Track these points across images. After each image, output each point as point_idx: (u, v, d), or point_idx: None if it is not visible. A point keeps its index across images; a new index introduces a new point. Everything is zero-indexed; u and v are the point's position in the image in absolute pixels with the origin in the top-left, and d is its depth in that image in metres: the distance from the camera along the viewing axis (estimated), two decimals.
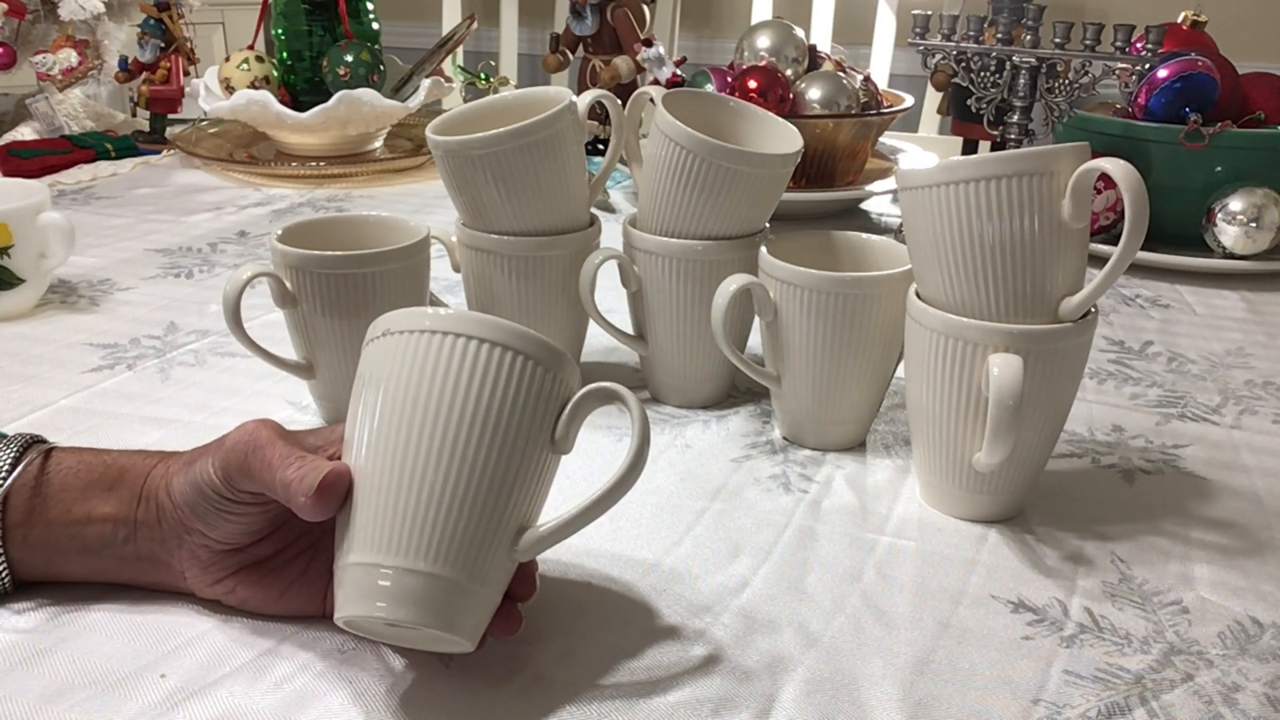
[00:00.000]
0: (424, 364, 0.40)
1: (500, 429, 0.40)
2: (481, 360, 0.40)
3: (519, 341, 0.41)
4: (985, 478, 0.54)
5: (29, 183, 0.85)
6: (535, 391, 0.41)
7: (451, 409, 0.40)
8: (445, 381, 0.40)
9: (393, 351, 0.41)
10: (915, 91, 1.24)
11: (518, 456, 0.41)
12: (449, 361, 0.40)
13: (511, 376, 0.41)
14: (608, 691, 0.43)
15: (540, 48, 1.47)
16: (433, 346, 0.40)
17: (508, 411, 0.40)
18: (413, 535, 0.39)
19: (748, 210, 0.64)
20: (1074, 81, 0.97)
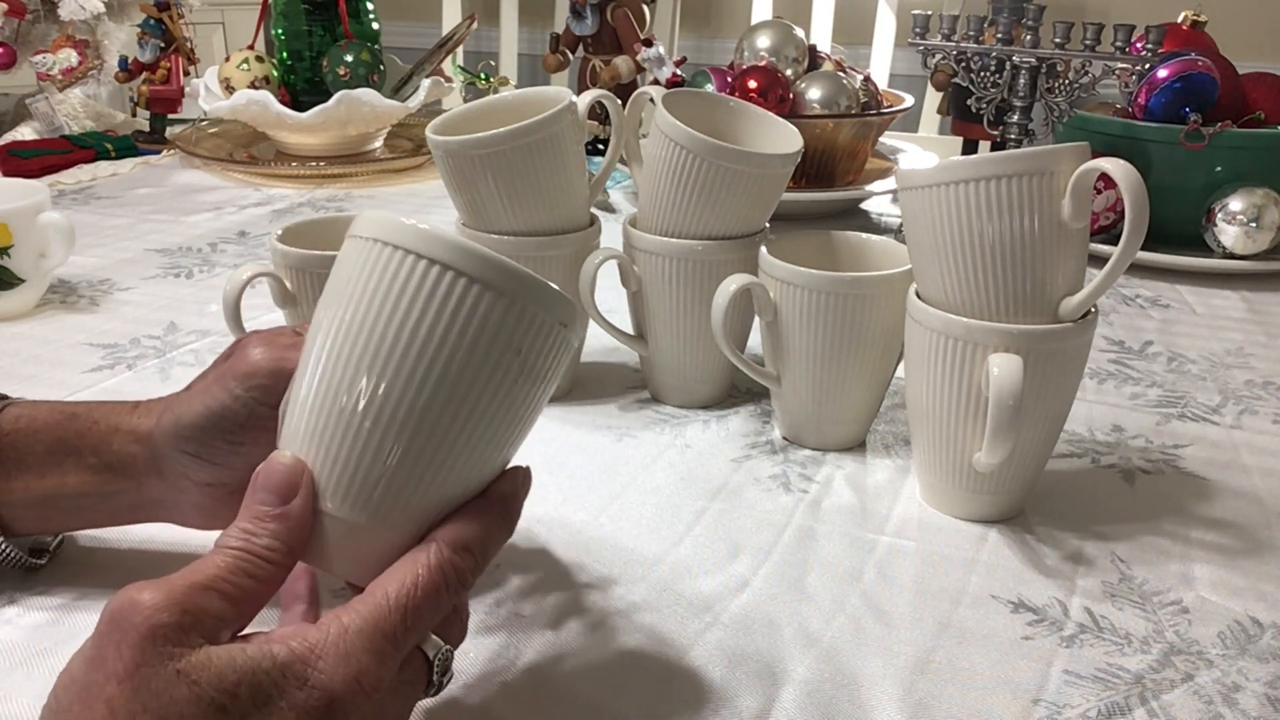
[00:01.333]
0: (359, 276, 0.36)
1: (445, 358, 0.35)
2: (421, 281, 0.35)
3: (480, 268, 0.35)
4: (985, 478, 0.54)
5: (29, 183, 0.85)
6: (485, 324, 0.35)
7: (387, 328, 0.35)
8: (374, 297, 0.35)
9: (350, 258, 0.37)
10: (915, 91, 1.24)
11: (464, 395, 0.36)
12: (392, 279, 0.35)
13: (461, 307, 0.35)
14: (607, 691, 0.43)
15: (540, 48, 1.47)
16: (387, 263, 0.35)
17: (453, 341, 0.35)
18: (329, 472, 0.36)
19: (748, 210, 0.64)
20: (1074, 81, 0.97)
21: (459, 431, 0.36)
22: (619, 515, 0.56)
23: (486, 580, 0.50)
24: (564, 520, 0.55)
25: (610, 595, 0.49)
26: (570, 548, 0.53)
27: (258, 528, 0.35)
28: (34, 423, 0.46)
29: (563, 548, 0.53)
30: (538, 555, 0.52)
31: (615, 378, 0.72)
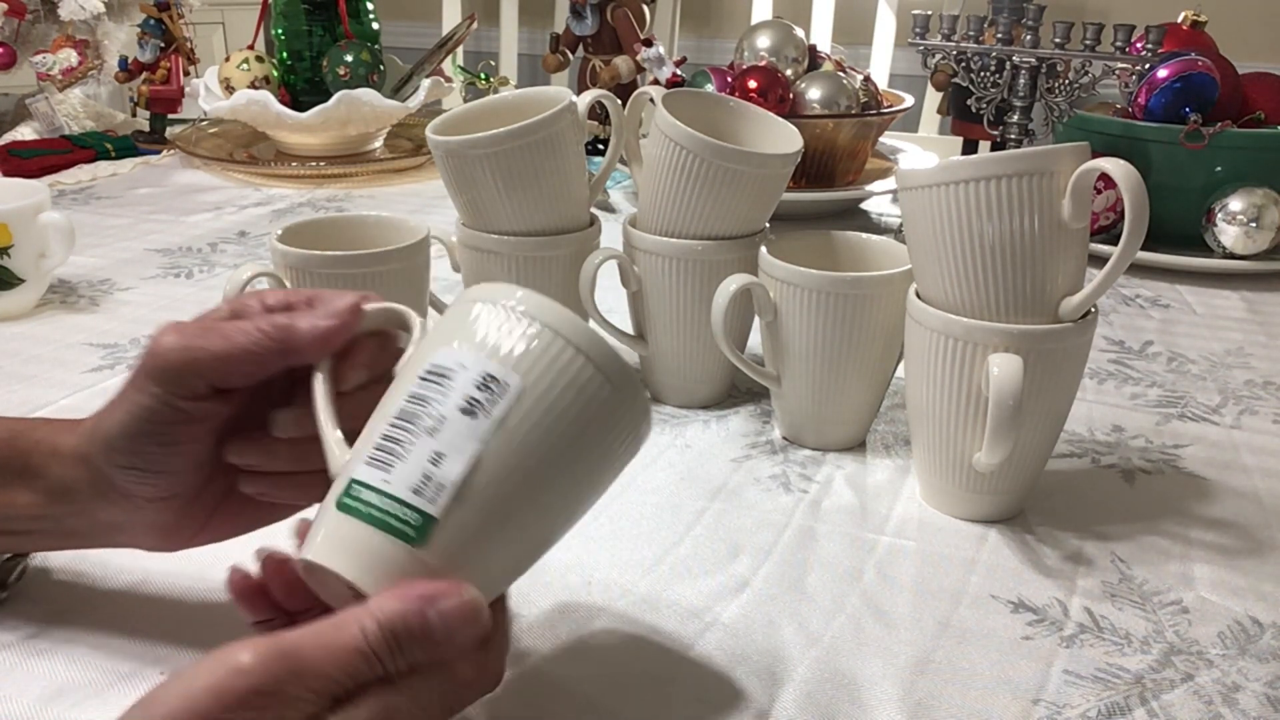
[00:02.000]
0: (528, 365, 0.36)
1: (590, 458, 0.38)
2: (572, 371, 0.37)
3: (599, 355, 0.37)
4: (985, 478, 0.54)
5: (29, 183, 0.85)
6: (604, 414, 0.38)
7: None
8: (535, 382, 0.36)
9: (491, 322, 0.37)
10: (915, 91, 1.24)
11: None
12: (547, 371, 0.36)
13: (585, 393, 0.37)
14: (607, 691, 0.43)
15: (540, 48, 1.47)
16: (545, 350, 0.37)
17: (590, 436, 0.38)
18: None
19: (748, 210, 0.64)
20: (1074, 81, 0.97)
21: (549, 503, 0.38)
22: (619, 515, 0.56)
23: None
24: None
25: (610, 595, 0.49)
26: (570, 548, 0.53)
27: (407, 656, 0.33)
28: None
29: (562, 548, 0.53)
30: None
31: None
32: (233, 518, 0.44)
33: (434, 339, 0.38)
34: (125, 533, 0.44)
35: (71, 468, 0.42)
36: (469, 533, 0.35)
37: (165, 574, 0.49)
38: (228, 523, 0.45)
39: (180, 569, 0.50)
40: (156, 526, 0.43)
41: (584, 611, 0.48)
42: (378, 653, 0.32)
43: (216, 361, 0.39)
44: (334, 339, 0.40)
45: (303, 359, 0.40)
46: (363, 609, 0.33)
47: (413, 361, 0.38)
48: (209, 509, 0.44)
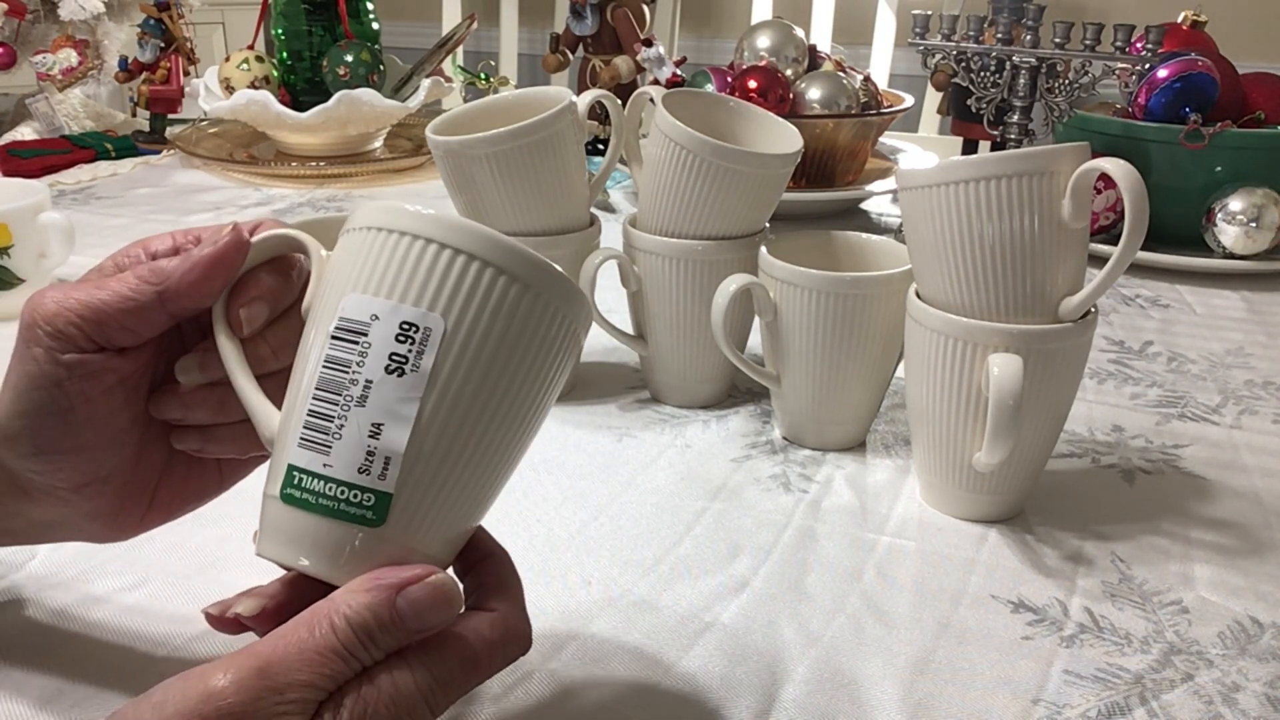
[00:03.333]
0: (388, 272, 0.34)
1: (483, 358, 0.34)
2: (461, 277, 0.34)
3: (510, 260, 0.34)
4: (985, 478, 0.54)
5: (29, 183, 0.85)
6: (532, 327, 0.35)
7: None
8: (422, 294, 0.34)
9: (367, 249, 0.35)
10: (915, 91, 1.24)
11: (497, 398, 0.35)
12: (415, 273, 0.34)
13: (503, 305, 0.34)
14: (607, 691, 0.43)
15: (540, 48, 1.47)
16: (405, 252, 0.34)
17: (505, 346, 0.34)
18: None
19: (748, 210, 0.64)
20: (1074, 81, 0.97)
21: (480, 436, 0.35)
22: (619, 515, 0.56)
23: None
24: (564, 520, 0.55)
25: (610, 595, 0.49)
26: (570, 548, 0.53)
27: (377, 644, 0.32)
28: None
29: (563, 548, 0.53)
30: (538, 555, 0.52)
31: (615, 378, 0.72)
32: (180, 491, 0.42)
33: (338, 278, 0.35)
34: (65, 528, 0.41)
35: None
36: (427, 493, 0.34)
37: (166, 573, 0.49)
38: (177, 497, 0.42)
39: (181, 568, 0.50)
40: (95, 516, 0.40)
41: (584, 611, 0.48)
42: (352, 650, 0.32)
43: (91, 312, 0.36)
44: (214, 277, 0.37)
45: (187, 303, 0.37)
46: (331, 606, 0.32)
47: (321, 307, 0.35)
48: (149, 486, 0.41)
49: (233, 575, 0.49)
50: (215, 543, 0.52)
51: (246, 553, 0.51)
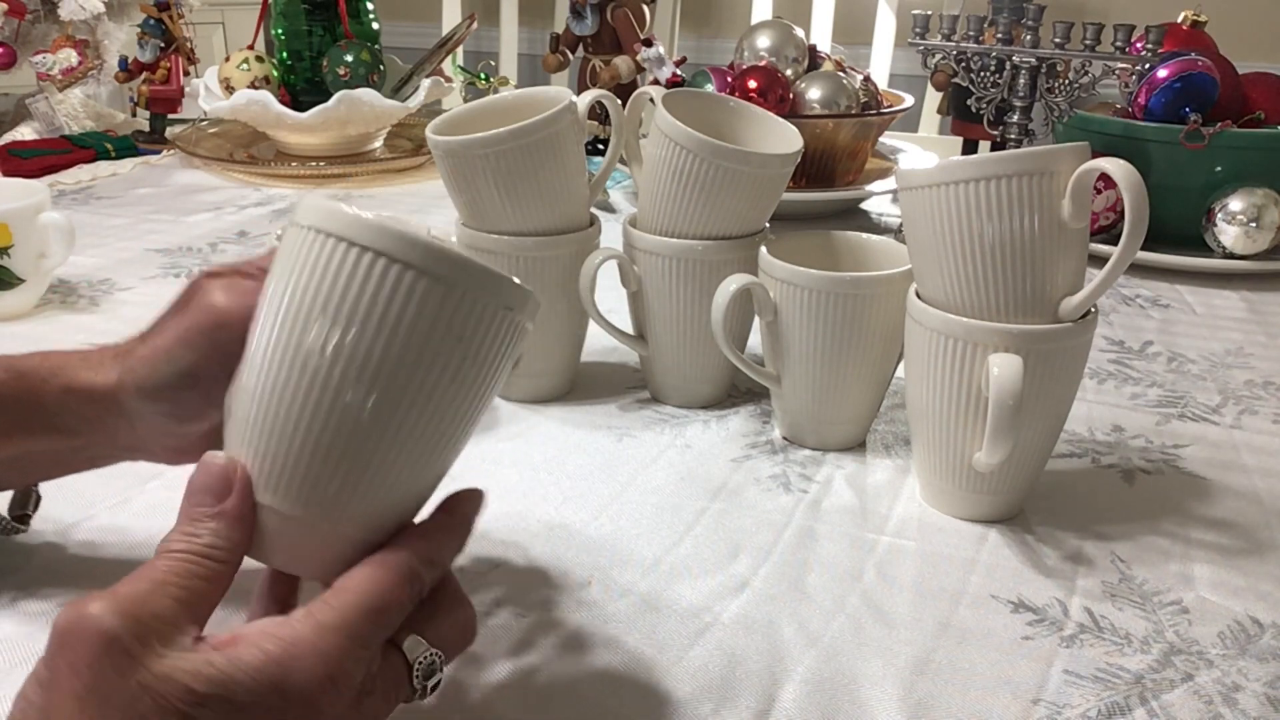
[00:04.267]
0: (296, 265, 0.35)
1: (389, 349, 0.35)
2: (354, 269, 0.34)
3: (416, 255, 0.34)
4: (985, 478, 0.54)
5: (29, 183, 0.85)
6: (423, 311, 0.35)
7: (334, 324, 0.34)
8: (319, 290, 0.35)
9: (289, 246, 0.36)
10: (915, 91, 1.24)
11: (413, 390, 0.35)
12: (326, 268, 0.35)
13: (397, 294, 0.34)
14: (607, 691, 0.43)
15: (540, 48, 1.47)
16: (322, 251, 0.35)
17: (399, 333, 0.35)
18: (268, 465, 0.36)
19: (748, 210, 0.64)
20: (1074, 81, 0.97)
21: (400, 422, 0.35)
22: (619, 515, 0.56)
23: (487, 580, 0.50)
24: (564, 520, 0.55)
25: (610, 595, 0.49)
26: (570, 547, 0.53)
27: (198, 529, 0.35)
28: None
29: (563, 547, 0.53)
30: (538, 555, 0.52)
31: (615, 378, 0.72)
32: None
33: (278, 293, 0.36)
34: (145, 452, 0.45)
35: (89, 404, 0.42)
36: (343, 481, 0.36)
37: None
38: None
39: None
40: (177, 449, 0.44)
41: (584, 611, 0.48)
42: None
43: None
44: None
45: None
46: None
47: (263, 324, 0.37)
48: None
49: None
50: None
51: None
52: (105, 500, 0.55)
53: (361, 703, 0.34)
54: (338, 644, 0.33)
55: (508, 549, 0.52)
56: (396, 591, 0.35)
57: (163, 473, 0.57)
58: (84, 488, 0.55)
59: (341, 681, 0.33)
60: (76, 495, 0.55)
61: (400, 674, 0.36)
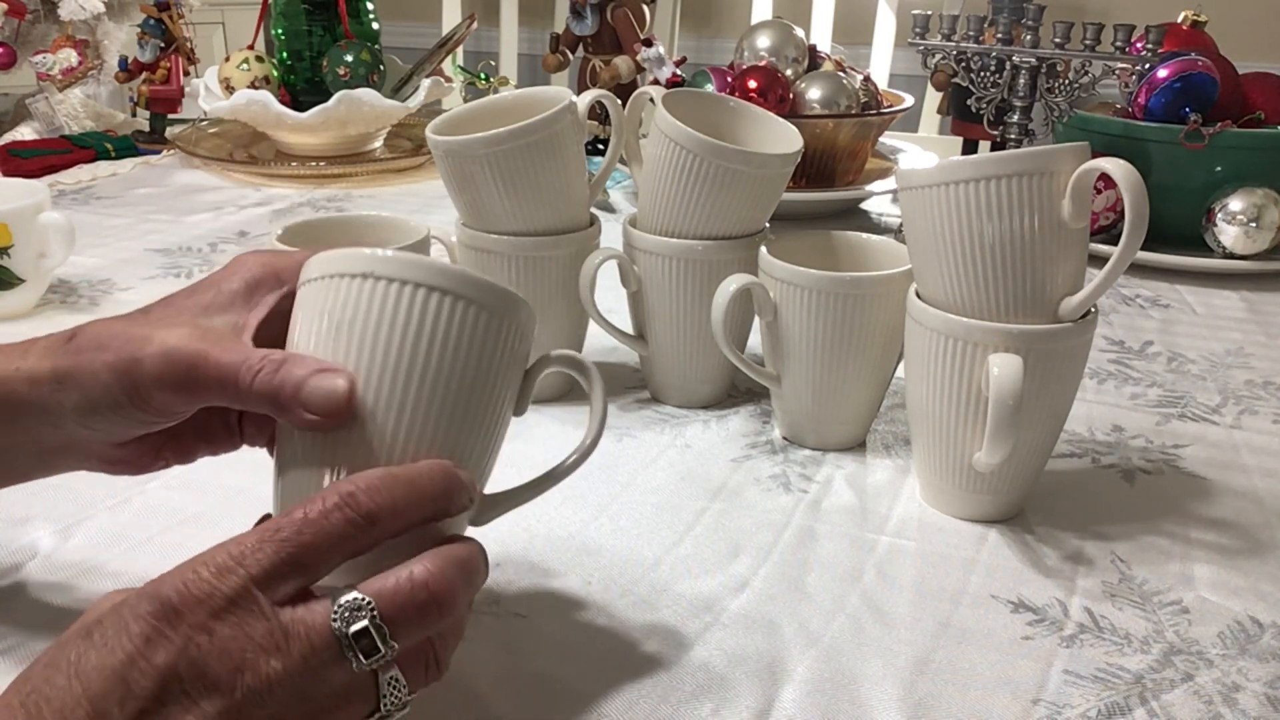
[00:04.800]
0: (369, 313, 0.37)
1: (454, 384, 0.37)
2: (431, 310, 0.37)
3: (470, 289, 0.37)
4: (985, 478, 0.54)
5: (29, 183, 0.85)
6: (490, 344, 0.38)
7: (399, 364, 0.37)
8: (392, 332, 0.37)
9: (331, 297, 0.38)
10: (915, 91, 1.24)
11: (471, 415, 0.38)
12: (395, 311, 0.37)
13: (464, 328, 0.37)
14: (607, 691, 0.43)
15: (540, 48, 1.47)
16: (376, 294, 0.37)
17: (460, 365, 0.37)
18: None
19: (748, 210, 0.64)
20: (1074, 81, 0.97)
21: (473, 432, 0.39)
22: (619, 515, 0.56)
23: (486, 580, 0.50)
24: (564, 520, 0.55)
25: (610, 595, 0.49)
26: (570, 547, 0.53)
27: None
28: None
29: (563, 547, 0.53)
30: (538, 555, 0.52)
31: (615, 378, 0.72)
32: (200, 444, 0.44)
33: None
34: (74, 456, 0.42)
35: (18, 397, 0.40)
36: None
37: None
38: (195, 449, 0.44)
39: None
40: (114, 462, 0.42)
41: (584, 611, 0.48)
42: None
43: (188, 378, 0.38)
44: None
45: None
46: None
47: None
48: (174, 440, 0.43)
49: None
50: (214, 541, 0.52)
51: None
52: (105, 500, 0.55)
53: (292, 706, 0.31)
54: (209, 559, 0.32)
55: (507, 549, 0.52)
56: (310, 506, 0.33)
57: (162, 473, 0.57)
58: (84, 488, 0.55)
59: (195, 589, 0.32)
60: (76, 495, 0.55)
61: (362, 691, 0.33)
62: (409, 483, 0.35)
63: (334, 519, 0.33)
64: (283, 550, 0.32)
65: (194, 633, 0.31)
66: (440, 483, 0.36)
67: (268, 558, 0.32)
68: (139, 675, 0.30)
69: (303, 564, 0.32)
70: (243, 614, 0.31)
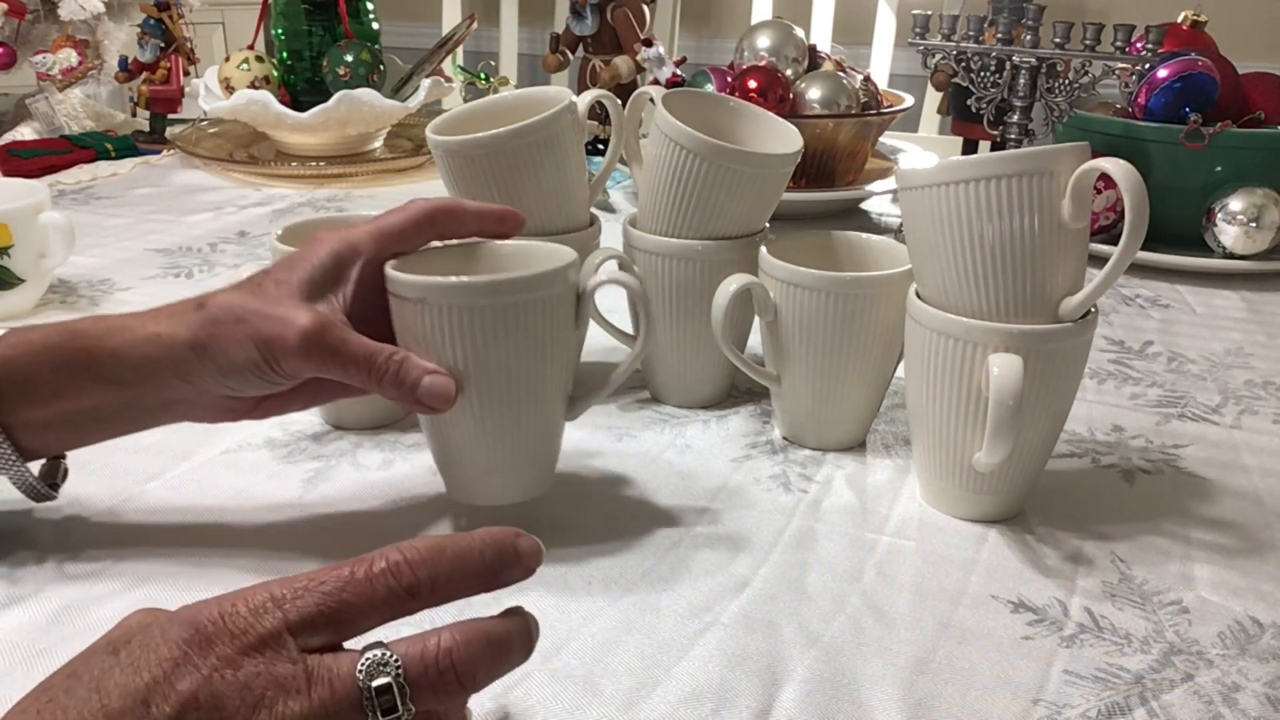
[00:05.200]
0: (484, 331, 0.48)
1: (559, 351, 0.51)
2: (533, 312, 0.48)
3: (555, 284, 0.49)
4: (985, 478, 0.54)
5: (29, 183, 0.85)
6: (568, 304, 0.51)
7: (515, 362, 0.49)
8: (508, 340, 0.48)
9: (416, 315, 0.48)
10: (915, 91, 1.24)
11: (567, 361, 0.52)
12: (506, 323, 0.48)
13: (556, 308, 0.50)
14: (608, 691, 0.43)
15: (540, 48, 1.47)
16: (491, 315, 0.48)
17: (560, 334, 0.50)
18: (515, 452, 0.51)
19: (748, 210, 0.64)
20: (1074, 81, 0.97)
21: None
22: (619, 515, 0.56)
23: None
24: (563, 520, 0.55)
25: (610, 595, 0.49)
26: (570, 547, 0.53)
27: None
28: (31, 346, 0.47)
29: (563, 548, 0.53)
30: None
31: None
32: (290, 400, 0.51)
33: None
34: (192, 407, 0.50)
35: (151, 349, 0.47)
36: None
37: (165, 573, 0.49)
38: (279, 405, 0.51)
39: (181, 568, 0.50)
40: (224, 409, 0.50)
41: (584, 611, 0.48)
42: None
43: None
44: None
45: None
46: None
47: None
48: (262, 397, 0.50)
49: (232, 576, 0.49)
50: (214, 543, 0.52)
51: (244, 554, 0.51)
52: (105, 500, 0.55)
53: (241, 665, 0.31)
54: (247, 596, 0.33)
55: None
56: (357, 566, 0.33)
57: (162, 473, 0.58)
58: (83, 488, 0.55)
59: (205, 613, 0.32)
60: (77, 495, 0.55)
61: (342, 664, 0.33)
62: (457, 557, 0.35)
63: (377, 584, 0.33)
64: (324, 603, 0.33)
65: (221, 665, 0.31)
66: (492, 559, 0.36)
67: (307, 607, 0.32)
68: (160, 699, 0.30)
69: (339, 620, 0.33)
70: (272, 655, 0.32)
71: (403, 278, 0.48)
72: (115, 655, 0.31)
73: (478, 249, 0.54)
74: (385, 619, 0.34)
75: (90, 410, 0.48)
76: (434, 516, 0.55)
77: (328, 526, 0.54)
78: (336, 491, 0.57)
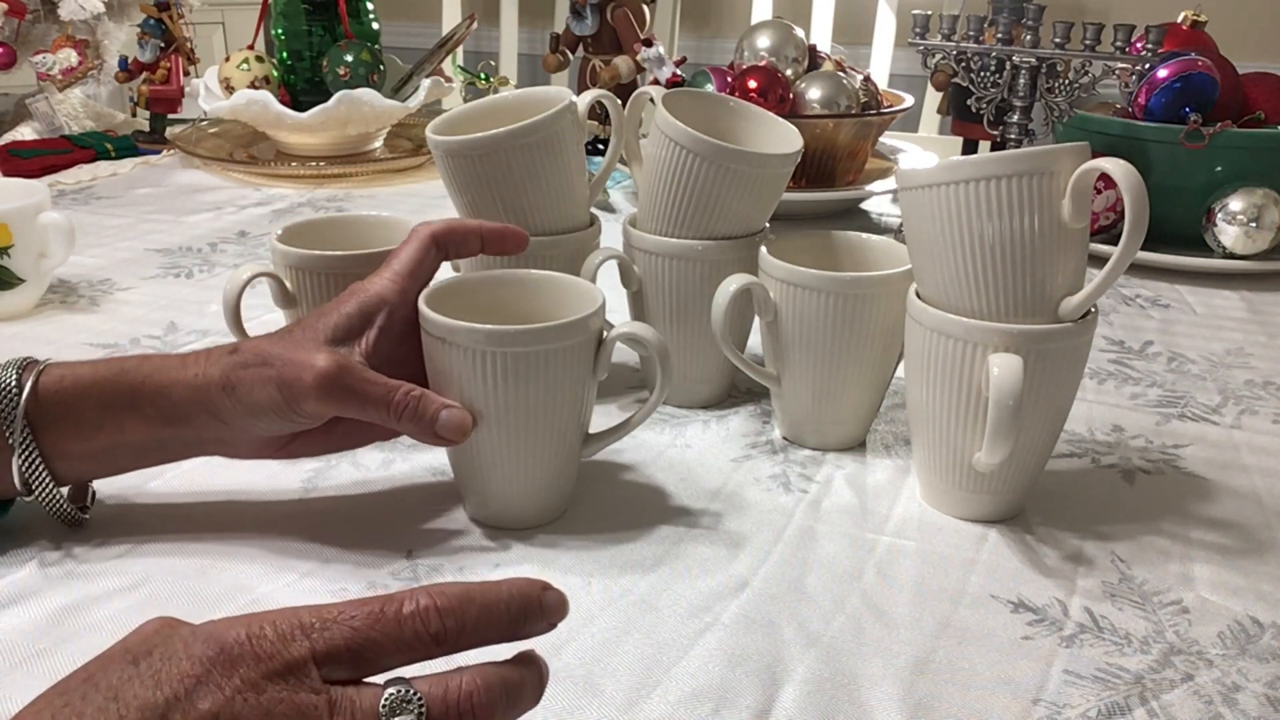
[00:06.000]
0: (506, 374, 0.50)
1: (577, 394, 0.52)
2: (553, 360, 0.50)
3: (576, 334, 0.51)
4: (985, 478, 0.54)
5: (29, 183, 0.85)
6: (589, 352, 0.52)
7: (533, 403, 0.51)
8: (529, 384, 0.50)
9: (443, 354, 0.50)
10: (915, 91, 1.24)
11: (585, 404, 0.54)
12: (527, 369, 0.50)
13: (576, 356, 0.51)
14: (608, 691, 0.43)
15: (540, 48, 1.47)
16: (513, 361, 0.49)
17: (580, 379, 0.52)
18: (531, 482, 0.53)
19: (748, 210, 0.64)
20: (1074, 81, 0.97)
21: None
22: (619, 515, 0.56)
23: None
24: (563, 520, 0.55)
25: (610, 595, 0.49)
26: (570, 547, 0.53)
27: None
28: (79, 382, 0.49)
29: (563, 547, 0.53)
30: (536, 556, 0.52)
31: (615, 378, 0.72)
32: (319, 441, 0.53)
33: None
34: (227, 446, 0.52)
35: (190, 393, 0.49)
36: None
37: (166, 573, 0.49)
38: (309, 445, 0.53)
39: (181, 568, 0.50)
40: (259, 445, 0.52)
41: (584, 611, 0.48)
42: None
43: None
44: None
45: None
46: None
47: None
48: (290, 437, 0.52)
49: (232, 575, 0.49)
50: (214, 543, 0.52)
51: (244, 554, 0.51)
52: (106, 500, 0.55)
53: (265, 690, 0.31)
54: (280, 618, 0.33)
55: (507, 549, 0.52)
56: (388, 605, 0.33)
57: (162, 473, 0.58)
58: None
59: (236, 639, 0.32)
60: None
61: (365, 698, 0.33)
62: (485, 607, 0.35)
63: (405, 627, 0.33)
64: (352, 639, 0.33)
65: (244, 687, 0.31)
66: (518, 610, 0.36)
67: (335, 639, 0.33)
68: (180, 717, 0.30)
69: (363, 657, 0.33)
70: (295, 683, 0.32)
71: (434, 318, 0.50)
72: (135, 665, 0.31)
73: (507, 278, 0.56)
74: (408, 661, 0.34)
75: (129, 444, 0.50)
76: (434, 516, 0.55)
77: (328, 526, 0.54)
78: (336, 491, 0.57)
